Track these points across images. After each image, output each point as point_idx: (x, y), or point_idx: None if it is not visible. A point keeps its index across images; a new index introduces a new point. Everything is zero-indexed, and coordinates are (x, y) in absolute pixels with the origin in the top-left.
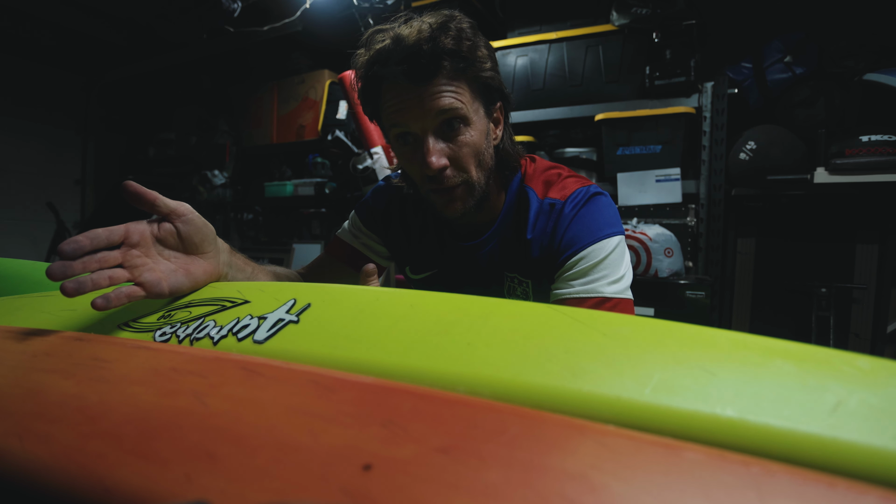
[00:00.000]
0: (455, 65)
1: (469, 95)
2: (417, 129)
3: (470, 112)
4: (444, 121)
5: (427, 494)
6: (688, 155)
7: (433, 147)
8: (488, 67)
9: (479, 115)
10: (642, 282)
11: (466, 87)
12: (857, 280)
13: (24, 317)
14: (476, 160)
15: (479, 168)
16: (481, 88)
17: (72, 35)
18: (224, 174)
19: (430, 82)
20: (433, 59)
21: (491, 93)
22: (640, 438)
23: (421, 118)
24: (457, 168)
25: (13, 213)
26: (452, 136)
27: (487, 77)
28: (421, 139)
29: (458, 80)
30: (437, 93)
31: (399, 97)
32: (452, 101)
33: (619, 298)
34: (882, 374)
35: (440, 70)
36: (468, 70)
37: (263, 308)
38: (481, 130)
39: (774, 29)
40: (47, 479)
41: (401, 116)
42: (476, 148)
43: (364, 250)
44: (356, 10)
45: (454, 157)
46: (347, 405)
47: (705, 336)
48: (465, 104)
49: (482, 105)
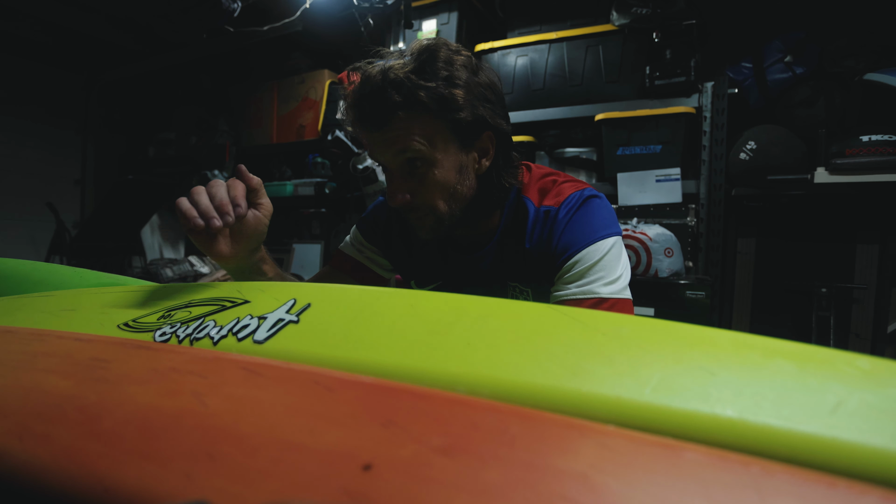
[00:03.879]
0: (410, 113)
1: (433, 137)
2: (385, 163)
3: (432, 153)
4: (405, 160)
5: (427, 494)
6: (688, 155)
7: (395, 184)
8: (460, 107)
9: (449, 153)
10: (642, 282)
11: (429, 129)
12: (857, 280)
13: (24, 317)
14: (444, 194)
15: (450, 200)
16: (451, 127)
17: (72, 35)
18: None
19: (385, 127)
20: (382, 111)
21: (468, 128)
22: (640, 438)
23: (383, 156)
24: (420, 202)
25: (13, 213)
26: (415, 174)
27: (461, 118)
28: (390, 171)
29: (415, 125)
30: (393, 137)
31: (366, 134)
32: (408, 144)
33: (617, 299)
34: (882, 374)
35: (392, 119)
36: (427, 114)
37: (263, 308)
38: (450, 167)
39: (774, 29)
40: (47, 479)
41: (370, 151)
42: (443, 185)
43: (368, 263)
44: (356, 10)
45: (417, 193)
46: (347, 405)
47: (705, 336)
48: (424, 146)
49: (455, 140)
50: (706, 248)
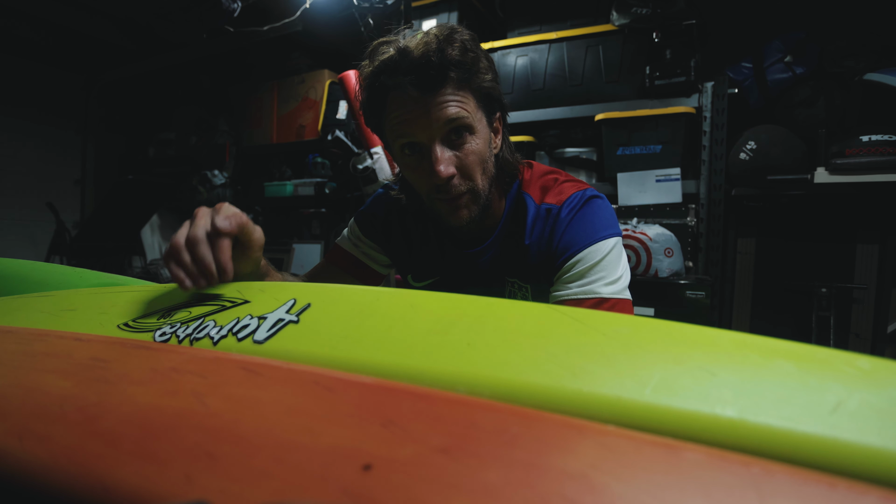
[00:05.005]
0: (460, 75)
1: (473, 105)
2: (424, 139)
3: (474, 121)
4: (450, 130)
5: (427, 494)
6: (688, 155)
7: (441, 156)
8: (489, 78)
9: (483, 125)
10: (642, 282)
11: (471, 96)
12: (857, 280)
13: (24, 317)
14: (481, 168)
15: (483, 176)
16: (483, 98)
17: (72, 35)
18: (224, 174)
19: (438, 92)
20: (441, 69)
21: (491, 103)
22: (640, 438)
23: (428, 127)
24: (463, 176)
25: (13, 213)
26: (459, 144)
27: (489, 87)
28: (428, 149)
29: (462, 90)
30: (444, 102)
31: (405, 107)
32: (459, 109)
33: (617, 299)
34: (882, 374)
35: (447, 80)
36: (472, 80)
37: (263, 308)
38: (484, 139)
39: (774, 29)
40: (47, 479)
41: (407, 126)
42: (481, 156)
43: (365, 259)
44: (356, 10)
45: (461, 165)
46: (347, 405)
47: (705, 336)
48: (470, 113)
49: (484, 115)
50: (706, 248)
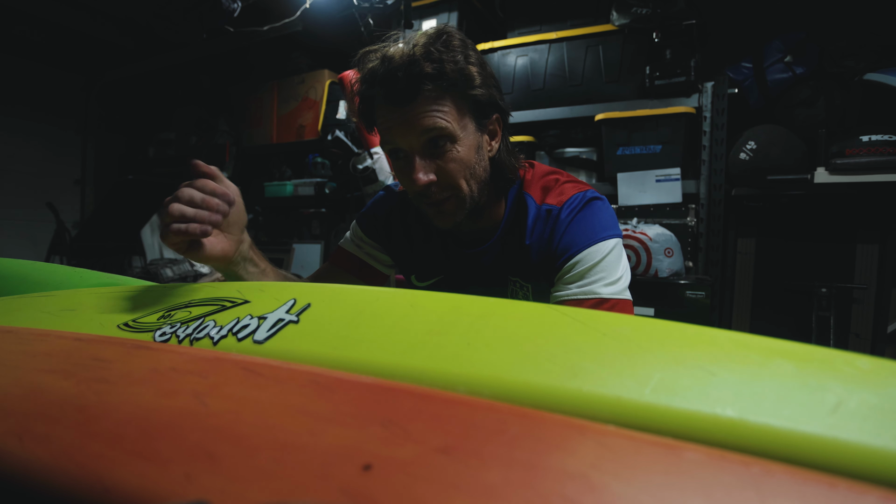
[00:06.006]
0: (438, 86)
1: (455, 113)
2: (405, 146)
3: (456, 129)
4: (429, 139)
5: (427, 494)
6: (688, 155)
7: (419, 164)
8: (478, 84)
9: (469, 131)
10: (642, 282)
11: (452, 105)
12: (857, 280)
13: (24, 317)
14: (466, 174)
15: (470, 181)
16: (470, 105)
17: (72, 35)
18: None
19: (413, 102)
20: (412, 82)
21: (483, 108)
22: (640, 438)
23: (407, 136)
24: (444, 182)
25: (13, 213)
26: (439, 153)
27: (478, 94)
28: (410, 155)
29: (442, 100)
30: (420, 113)
31: (386, 116)
32: (436, 120)
33: (617, 299)
34: (882, 374)
35: (420, 93)
36: (452, 90)
37: (263, 308)
38: (470, 145)
39: (774, 29)
40: (47, 479)
41: (389, 135)
42: (464, 163)
43: (368, 259)
44: (356, 10)
45: (441, 172)
46: (347, 405)
47: (705, 336)
48: (450, 122)
49: (472, 120)
50: (706, 248)
